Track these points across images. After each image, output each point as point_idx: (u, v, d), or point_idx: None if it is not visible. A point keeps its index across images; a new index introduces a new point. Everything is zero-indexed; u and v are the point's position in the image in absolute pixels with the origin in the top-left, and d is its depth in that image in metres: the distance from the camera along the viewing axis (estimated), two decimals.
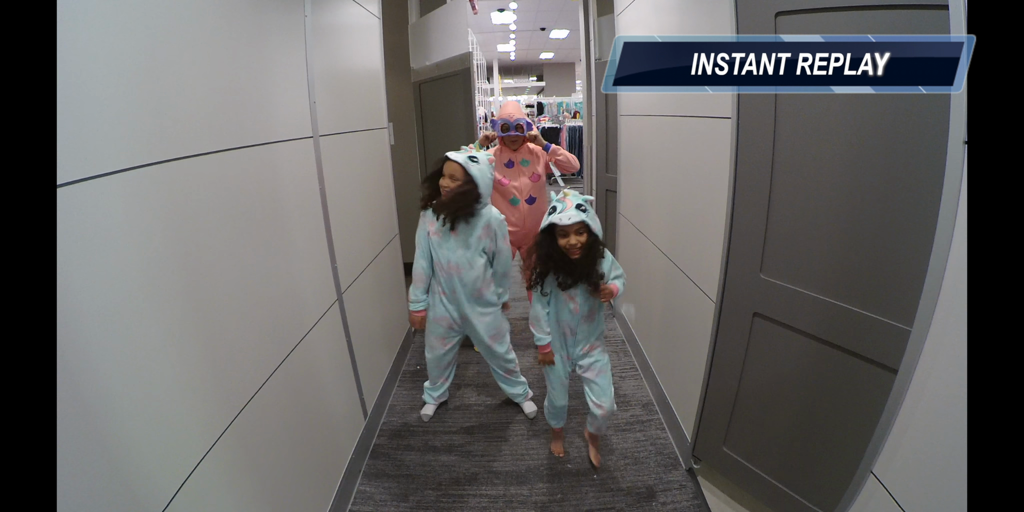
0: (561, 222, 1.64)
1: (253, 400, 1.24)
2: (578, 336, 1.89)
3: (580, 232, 1.66)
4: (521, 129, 2.63)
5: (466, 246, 2.07)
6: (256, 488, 1.24)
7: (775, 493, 1.62)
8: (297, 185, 1.57)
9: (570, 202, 1.67)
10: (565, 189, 1.73)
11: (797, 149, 1.37)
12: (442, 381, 2.41)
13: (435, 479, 2.03)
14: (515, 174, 2.73)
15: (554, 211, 1.68)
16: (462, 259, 2.08)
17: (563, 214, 1.64)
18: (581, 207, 1.66)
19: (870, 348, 1.24)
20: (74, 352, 0.72)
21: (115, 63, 0.84)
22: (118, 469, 0.81)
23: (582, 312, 1.84)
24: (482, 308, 2.20)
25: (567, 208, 1.66)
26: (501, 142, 2.72)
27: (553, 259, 1.73)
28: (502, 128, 2.63)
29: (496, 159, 2.72)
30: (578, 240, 1.66)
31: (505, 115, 2.64)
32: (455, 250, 2.07)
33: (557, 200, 1.71)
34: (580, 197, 1.69)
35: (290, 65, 1.55)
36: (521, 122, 2.63)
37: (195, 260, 1.04)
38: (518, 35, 13.15)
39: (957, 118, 0.83)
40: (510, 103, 2.76)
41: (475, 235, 2.06)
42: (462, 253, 2.07)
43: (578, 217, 1.63)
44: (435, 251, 2.10)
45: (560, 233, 1.68)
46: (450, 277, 2.11)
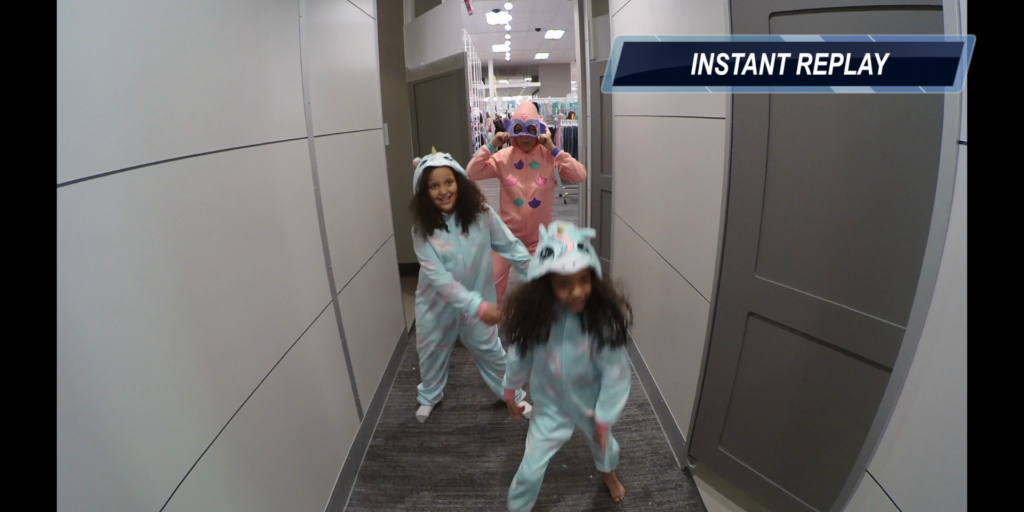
0: (564, 270, 1.25)
1: (249, 401, 1.23)
2: (563, 400, 1.55)
3: (585, 280, 1.32)
4: (533, 131, 2.63)
5: (477, 244, 2.05)
6: (252, 489, 1.24)
7: (771, 492, 1.62)
8: (292, 186, 1.56)
9: (569, 241, 1.28)
10: (558, 223, 1.34)
11: (791, 149, 1.38)
12: (436, 383, 2.40)
13: (431, 480, 2.02)
14: (523, 176, 2.73)
15: (549, 255, 1.28)
16: (479, 256, 2.07)
17: (564, 259, 1.25)
18: (583, 247, 1.30)
19: (865, 347, 1.25)
20: (70, 352, 0.71)
21: (110, 64, 0.83)
22: (114, 470, 0.80)
23: (566, 375, 1.47)
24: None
25: (567, 250, 1.27)
26: (513, 142, 2.72)
27: (544, 317, 1.38)
28: (515, 128, 2.62)
29: (507, 159, 2.72)
30: (583, 291, 1.32)
31: (519, 116, 2.64)
32: (468, 251, 2.04)
33: (551, 238, 1.31)
34: (579, 233, 1.32)
35: (284, 66, 1.54)
36: (534, 124, 2.62)
37: (190, 261, 1.03)
38: (513, 35, 13.16)
39: (951, 118, 0.83)
40: (526, 104, 2.76)
41: (480, 228, 2.05)
42: (476, 252, 2.06)
43: (583, 262, 1.26)
44: (449, 258, 2.03)
45: (559, 282, 1.32)
46: (465, 282, 2.07)
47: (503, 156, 2.72)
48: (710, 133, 1.65)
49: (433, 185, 1.92)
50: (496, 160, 2.71)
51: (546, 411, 1.61)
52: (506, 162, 2.72)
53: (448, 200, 1.93)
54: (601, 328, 1.38)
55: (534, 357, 1.52)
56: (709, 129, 1.65)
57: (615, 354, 1.43)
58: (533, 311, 1.37)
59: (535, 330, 1.40)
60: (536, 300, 1.36)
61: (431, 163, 1.92)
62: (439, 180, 1.92)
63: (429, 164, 1.93)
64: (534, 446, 1.60)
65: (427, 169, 1.93)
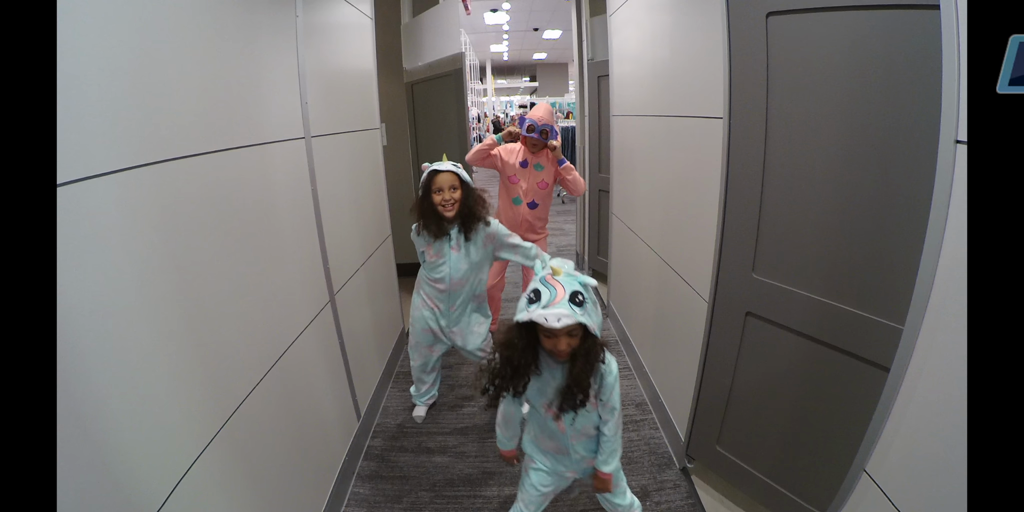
0: (547, 324, 1.10)
1: (246, 401, 1.23)
2: (567, 458, 1.41)
3: (574, 333, 1.17)
4: (546, 134, 2.62)
5: (471, 261, 2.03)
6: (250, 490, 1.23)
7: (769, 492, 1.62)
8: (289, 186, 1.56)
9: (561, 289, 1.12)
10: (552, 263, 1.19)
11: (789, 149, 1.38)
12: (428, 387, 2.41)
13: (429, 480, 2.02)
14: (525, 175, 2.71)
15: (536, 299, 1.13)
16: (468, 273, 2.05)
17: (550, 311, 1.10)
18: (577, 298, 1.12)
19: (862, 347, 1.25)
20: (66, 352, 0.71)
21: (106, 64, 0.83)
22: (111, 471, 0.80)
23: (571, 430, 1.34)
24: (481, 317, 2.20)
25: (556, 299, 1.11)
26: (523, 140, 2.71)
27: (524, 365, 1.23)
28: (528, 128, 2.61)
29: (512, 156, 2.70)
30: (569, 344, 1.18)
31: (536, 117, 2.61)
32: (458, 266, 2.03)
33: (541, 281, 1.16)
34: (575, 278, 1.16)
35: (281, 66, 1.54)
36: (547, 128, 2.61)
37: (187, 261, 1.03)
38: (511, 35, 13.18)
39: (948, 118, 0.83)
40: (544, 106, 2.72)
41: (478, 246, 2.04)
42: (467, 269, 2.04)
43: (570, 318, 1.10)
44: (439, 269, 2.04)
45: (543, 331, 1.18)
46: (451, 294, 2.08)
47: (508, 151, 2.70)
48: (708, 133, 1.65)
49: (437, 190, 1.92)
50: (501, 153, 2.69)
51: (541, 467, 1.47)
52: (511, 160, 2.70)
53: (451, 207, 1.93)
54: (576, 387, 1.23)
55: (531, 411, 1.40)
56: (707, 129, 1.65)
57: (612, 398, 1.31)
58: (515, 355, 1.22)
59: (517, 379, 1.24)
60: (520, 344, 1.21)
61: (438, 167, 1.93)
62: (443, 185, 1.92)
63: (435, 168, 1.93)
64: (528, 499, 1.48)
65: (433, 172, 1.93)
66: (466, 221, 1.96)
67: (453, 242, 1.99)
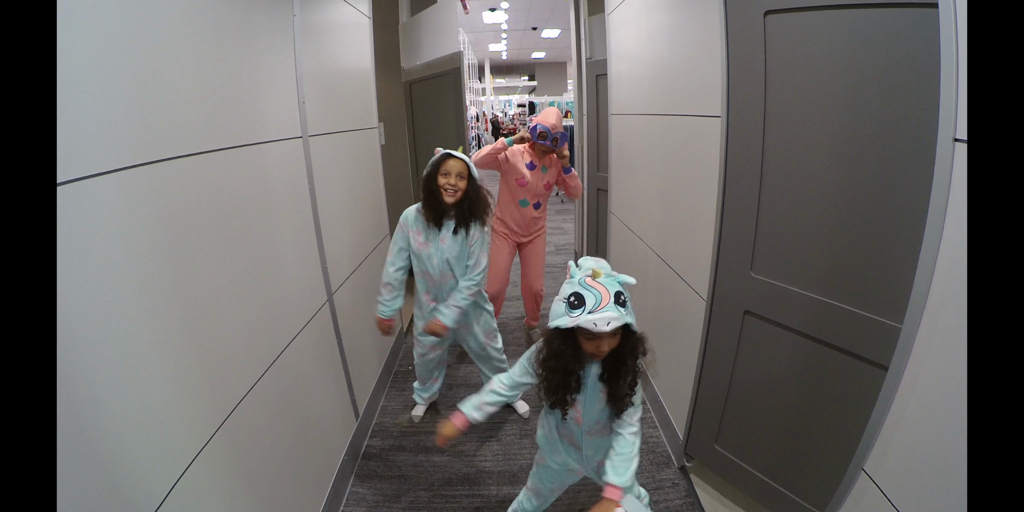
0: (597, 329, 1.09)
1: (244, 401, 1.22)
2: (585, 452, 1.38)
3: (615, 333, 1.15)
4: (556, 142, 2.63)
5: (459, 252, 2.01)
6: (248, 489, 1.23)
7: (767, 490, 1.63)
8: (286, 185, 1.55)
9: (605, 291, 1.10)
10: (593, 263, 1.17)
11: (787, 147, 1.38)
12: (431, 382, 2.41)
13: (427, 480, 2.02)
14: (533, 177, 2.72)
15: (580, 304, 1.10)
16: (457, 266, 2.02)
17: (598, 315, 1.08)
18: (620, 298, 1.11)
19: (861, 345, 1.25)
20: (64, 352, 0.71)
21: (104, 63, 0.83)
22: (108, 471, 0.80)
23: (587, 423, 1.32)
24: (482, 303, 2.20)
25: (603, 303, 1.09)
26: (530, 145, 2.71)
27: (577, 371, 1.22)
28: (539, 135, 2.61)
29: (518, 159, 2.69)
30: (611, 344, 1.16)
31: (548, 124, 2.60)
32: (442, 258, 2.00)
33: (581, 284, 1.13)
34: (615, 278, 1.15)
35: (279, 65, 1.53)
36: (558, 135, 2.62)
37: (185, 261, 1.03)
38: (509, 34, 13.16)
39: (947, 115, 0.83)
40: (554, 111, 2.71)
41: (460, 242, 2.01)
42: (455, 261, 2.01)
43: (619, 320, 1.09)
44: (424, 260, 2.01)
45: (586, 335, 1.15)
46: (440, 285, 2.06)
47: (514, 154, 2.70)
48: (706, 131, 1.64)
49: (444, 173, 1.92)
50: (507, 156, 2.68)
51: (551, 463, 1.48)
52: (519, 162, 2.69)
53: (452, 194, 1.92)
54: (618, 382, 1.23)
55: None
56: (705, 127, 1.65)
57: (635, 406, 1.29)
58: (569, 366, 1.20)
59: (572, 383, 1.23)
60: (562, 350, 1.19)
61: (452, 152, 1.93)
62: (452, 170, 1.91)
63: (450, 152, 1.93)
64: (537, 490, 1.55)
65: (445, 155, 1.93)
66: (462, 216, 1.96)
67: (442, 234, 1.98)
